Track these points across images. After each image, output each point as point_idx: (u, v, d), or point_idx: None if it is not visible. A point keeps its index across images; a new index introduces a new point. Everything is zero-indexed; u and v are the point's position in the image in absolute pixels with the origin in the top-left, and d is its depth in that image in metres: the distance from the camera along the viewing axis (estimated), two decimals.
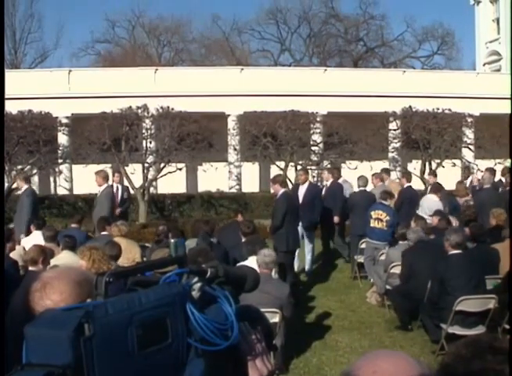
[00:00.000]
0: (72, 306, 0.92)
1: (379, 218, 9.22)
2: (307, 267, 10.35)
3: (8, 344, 1.20)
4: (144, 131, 18.22)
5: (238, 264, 6.78)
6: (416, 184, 14.17)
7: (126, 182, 17.37)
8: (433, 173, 13.24)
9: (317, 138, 20.11)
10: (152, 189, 18.99)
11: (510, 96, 15.22)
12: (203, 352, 0.98)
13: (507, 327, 6.05)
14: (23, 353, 0.89)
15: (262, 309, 5.05)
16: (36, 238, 7.70)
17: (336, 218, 10.82)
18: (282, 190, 8.81)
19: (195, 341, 0.98)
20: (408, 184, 11.65)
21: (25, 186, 10.33)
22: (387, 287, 8.04)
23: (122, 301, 0.92)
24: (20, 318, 1.17)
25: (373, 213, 9.31)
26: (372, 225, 9.28)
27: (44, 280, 1.21)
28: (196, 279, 1.02)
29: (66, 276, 1.22)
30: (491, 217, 8.74)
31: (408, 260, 7.32)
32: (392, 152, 21.39)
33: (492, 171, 12.18)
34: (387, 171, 12.64)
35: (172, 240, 1.27)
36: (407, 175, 12.30)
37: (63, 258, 6.30)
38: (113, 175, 13.05)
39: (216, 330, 0.98)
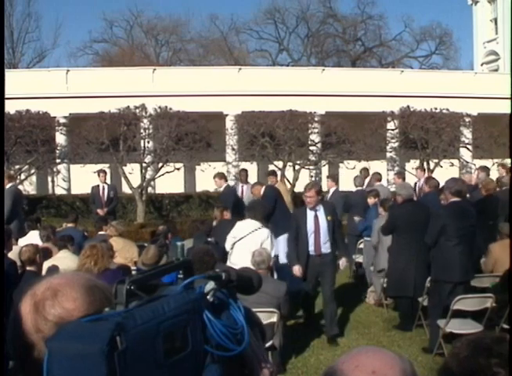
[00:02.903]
0: (95, 317, 0.88)
1: None
2: None
3: (7, 348, 1.17)
4: (142, 130, 18.21)
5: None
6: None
7: (124, 182, 17.42)
8: (421, 167, 13.17)
9: (315, 137, 20.12)
10: (150, 189, 18.99)
11: (508, 96, 15.20)
12: (218, 359, 0.98)
13: (505, 326, 6.05)
14: (45, 369, 0.84)
15: (261, 309, 5.06)
16: (32, 238, 7.68)
17: None
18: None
19: (211, 347, 0.96)
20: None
21: (9, 184, 10.20)
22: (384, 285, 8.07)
23: (147, 310, 0.89)
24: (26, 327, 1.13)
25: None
26: None
27: (54, 287, 1.15)
28: (212, 284, 1.00)
29: (77, 282, 1.17)
30: (480, 188, 9.21)
31: (393, 215, 7.42)
32: (390, 152, 21.41)
33: (485, 169, 12.13)
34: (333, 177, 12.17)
35: (179, 243, 1.26)
36: (401, 174, 12.34)
37: (61, 257, 6.28)
38: (98, 175, 13.01)
39: (230, 335, 0.97)
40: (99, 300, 1.14)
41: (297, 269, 6.83)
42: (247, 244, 6.82)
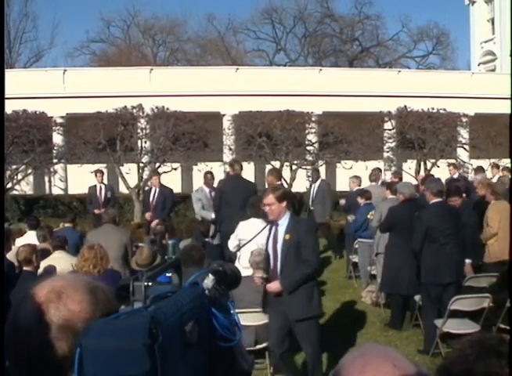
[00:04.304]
0: (119, 314, 0.89)
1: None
2: None
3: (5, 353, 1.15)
4: (139, 130, 18.20)
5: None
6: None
7: (121, 182, 17.40)
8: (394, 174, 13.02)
9: (312, 138, 20.11)
10: (147, 189, 18.92)
11: (505, 96, 15.24)
12: (220, 351, 1.01)
13: (502, 326, 6.06)
14: (76, 367, 0.84)
15: (258, 309, 5.03)
16: (30, 238, 7.66)
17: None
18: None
19: (215, 339, 1.00)
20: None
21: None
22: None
23: (170, 303, 0.91)
24: (29, 328, 1.12)
25: (369, 215, 9.29)
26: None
27: (57, 289, 1.14)
28: (211, 278, 1.03)
29: (78, 283, 1.18)
30: (479, 187, 8.92)
31: (392, 214, 7.42)
32: (387, 152, 21.40)
33: (481, 170, 12.10)
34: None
35: (170, 242, 1.27)
36: (398, 174, 12.36)
37: (56, 258, 6.26)
38: (95, 175, 12.96)
39: (230, 326, 1.02)
40: (101, 301, 1.15)
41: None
42: (258, 244, 6.77)
